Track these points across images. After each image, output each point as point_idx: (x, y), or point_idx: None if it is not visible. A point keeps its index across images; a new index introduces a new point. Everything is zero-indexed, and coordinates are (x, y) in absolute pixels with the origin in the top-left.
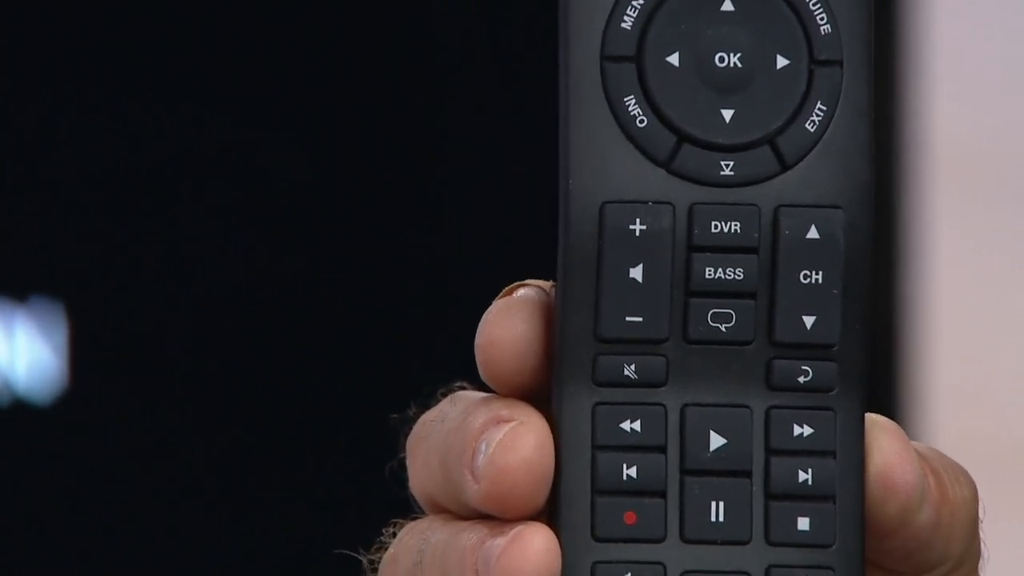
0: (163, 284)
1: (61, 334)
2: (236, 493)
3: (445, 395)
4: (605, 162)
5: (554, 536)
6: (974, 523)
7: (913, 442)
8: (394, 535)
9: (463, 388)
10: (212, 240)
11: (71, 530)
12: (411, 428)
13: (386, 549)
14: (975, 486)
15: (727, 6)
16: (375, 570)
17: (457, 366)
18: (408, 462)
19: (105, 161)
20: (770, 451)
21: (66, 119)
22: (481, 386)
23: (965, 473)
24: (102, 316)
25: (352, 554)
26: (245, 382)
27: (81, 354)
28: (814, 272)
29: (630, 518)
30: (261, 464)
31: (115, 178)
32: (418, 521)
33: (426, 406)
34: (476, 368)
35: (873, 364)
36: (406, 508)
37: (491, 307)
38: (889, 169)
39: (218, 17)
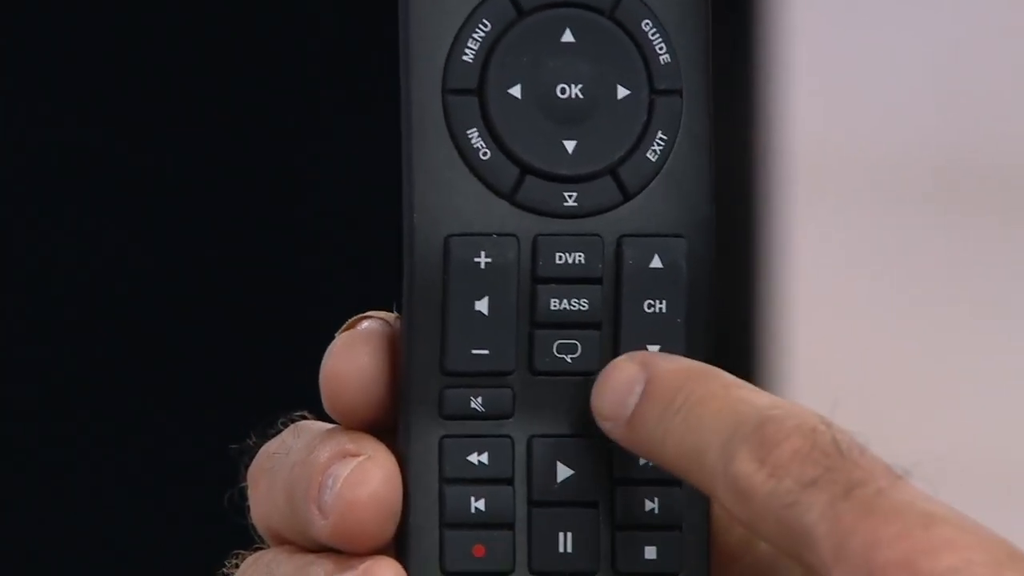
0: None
1: None
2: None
3: (287, 425)
4: (449, 195)
5: (403, 570)
6: None
7: None
8: (237, 567)
9: (304, 418)
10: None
11: None
12: (252, 458)
13: None
14: None
15: (567, 37)
16: None
17: (298, 395)
18: (250, 493)
19: None
20: (616, 481)
21: None
22: (323, 415)
23: None
24: None
25: None
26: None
27: None
28: (658, 301)
29: (479, 551)
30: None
31: None
32: (262, 553)
33: (267, 436)
34: (317, 397)
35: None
36: (247, 538)
37: (335, 340)
38: (747, 173)
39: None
